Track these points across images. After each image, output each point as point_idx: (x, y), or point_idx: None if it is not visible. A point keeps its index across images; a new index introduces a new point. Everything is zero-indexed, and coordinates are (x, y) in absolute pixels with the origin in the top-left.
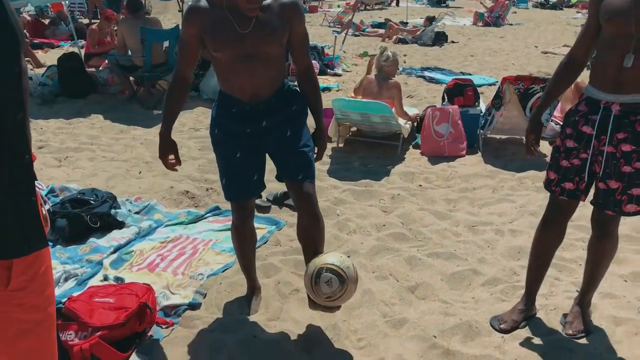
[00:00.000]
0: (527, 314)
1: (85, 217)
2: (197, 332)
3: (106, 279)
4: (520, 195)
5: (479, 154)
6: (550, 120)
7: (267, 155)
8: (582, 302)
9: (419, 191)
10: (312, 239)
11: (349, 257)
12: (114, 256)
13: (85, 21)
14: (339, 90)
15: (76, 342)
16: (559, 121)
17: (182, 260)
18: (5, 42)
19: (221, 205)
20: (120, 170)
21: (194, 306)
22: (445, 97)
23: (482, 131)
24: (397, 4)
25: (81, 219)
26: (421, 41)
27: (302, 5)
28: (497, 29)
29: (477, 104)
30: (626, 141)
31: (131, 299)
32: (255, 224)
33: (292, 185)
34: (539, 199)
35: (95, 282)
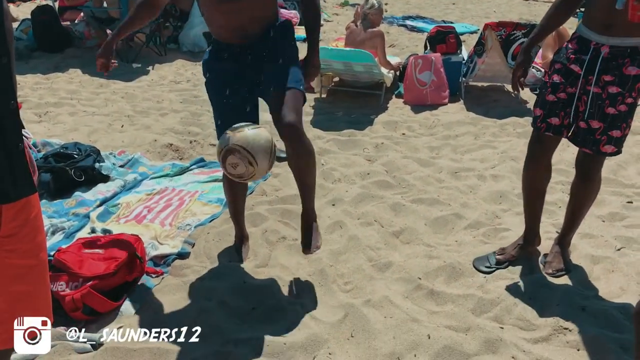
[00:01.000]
0: (525, 250)
1: (69, 171)
2: (187, 280)
3: (94, 231)
4: (502, 141)
5: (461, 101)
6: (531, 67)
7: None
8: (562, 242)
9: (402, 139)
10: (297, 168)
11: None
12: (101, 209)
13: None
14: (320, 40)
15: (67, 292)
16: (540, 67)
17: (169, 211)
18: None
19: (206, 157)
20: (102, 124)
21: (183, 255)
22: (427, 45)
23: (464, 79)
24: None
25: (65, 172)
26: None
27: None
28: None
29: (459, 51)
30: (613, 84)
31: (120, 249)
32: None
33: (273, 107)
34: (520, 144)
35: (82, 234)
